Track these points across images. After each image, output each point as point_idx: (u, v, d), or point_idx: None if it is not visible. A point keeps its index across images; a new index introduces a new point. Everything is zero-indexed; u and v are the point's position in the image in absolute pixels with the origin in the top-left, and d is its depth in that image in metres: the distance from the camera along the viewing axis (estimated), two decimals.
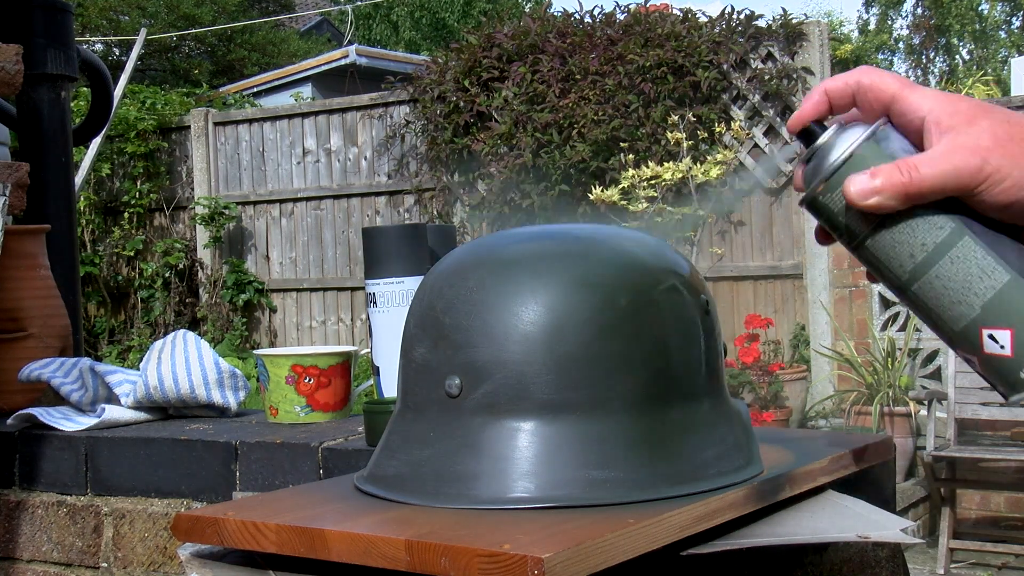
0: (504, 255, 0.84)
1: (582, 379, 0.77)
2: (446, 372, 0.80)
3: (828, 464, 0.90)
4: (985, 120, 0.65)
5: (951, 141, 0.65)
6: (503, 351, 0.78)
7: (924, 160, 0.65)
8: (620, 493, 0.75)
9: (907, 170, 0.65)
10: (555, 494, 0.75)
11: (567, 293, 0.79)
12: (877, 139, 0.67)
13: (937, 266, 0.65)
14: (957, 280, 0.64)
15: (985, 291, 0.64)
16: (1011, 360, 0.63)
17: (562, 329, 0.78)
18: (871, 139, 0.67)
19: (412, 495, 0.79)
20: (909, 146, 0.67)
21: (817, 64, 5.64)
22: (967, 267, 0.64)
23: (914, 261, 0.65)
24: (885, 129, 0.68)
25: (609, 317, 0.78)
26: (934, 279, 0.65)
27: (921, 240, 0.65)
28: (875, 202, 0.65)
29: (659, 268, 0.82)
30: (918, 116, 0.67)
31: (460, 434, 0.79)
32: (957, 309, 0.64)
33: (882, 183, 0.65)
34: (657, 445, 0.78)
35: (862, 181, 0.65)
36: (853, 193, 0.66)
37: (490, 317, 0.79)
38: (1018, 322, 0.63)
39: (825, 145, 0.69)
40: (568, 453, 0.76)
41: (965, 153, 0.64)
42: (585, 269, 0.80)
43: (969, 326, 0.64)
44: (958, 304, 0.64)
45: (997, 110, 0.66)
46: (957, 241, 0.64)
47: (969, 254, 0.64)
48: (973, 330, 0.64)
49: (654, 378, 0.79)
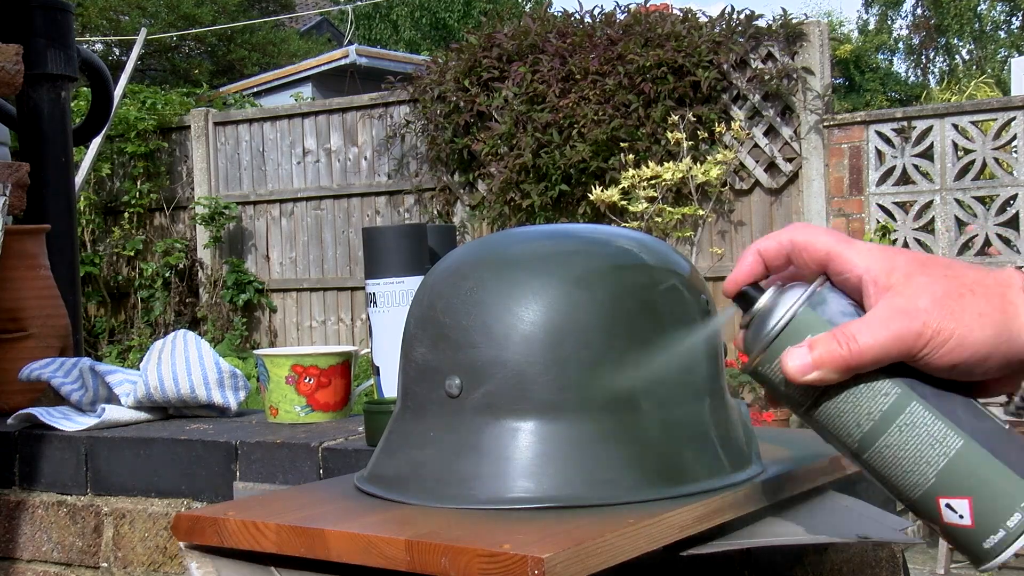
0: (504, 255, 0.84)
1: (582, 379, 0.77)
2: (446, 372, 0.80)
3: (828, 464, 0.90)
4: (923, 276, 0.62)
5: (888, 305, 0.62)
6: (503, 351, 0.78)
7: (862, 328, 0.62)
8: (620, 493, 0.75)
9: (845, 341, 0.62)
10: (555, 494, 0.75)
11: (568, 293, 0.79)
12: (813, 304, 0.64)
13: (885, 435, 0.61)
14: (908, 449, 0.61)
15: (938, 459, 0.60)
16: (972, 531, 0.60)
17: (562, 329, 0.78)
18: (807, 304, 0.64)
19: (412, 495, 0.79)
20: (848, 307, 0.64)
21: (817, 64, 5.64)
22: (917, 435, 0.61)
23: (861, 431, 0.62)
24: (822, 291, 0.64)
25: (610, 317, 0.78)
26: (883, 449, 0.62)
27: (867, 409, 0.62)
28: (814, 377, 0.62)
29: (660, 268, 0.83)
30: (854, 275, 0.64)
31: (460, 434, 0.79)
32: (910, 479, 0.61)
33: (820, 356, 0.62)
34: (657, 445, 0.78)
35: (800, 356, 0.62)
36: (791, 369, 0.63)
37: (490, 317, 0.79)
38: (976, 489, 0.59)
39: (761, 311, 0.65)
40: (568, 453, 0.76)
41: (904, 318, 0.61)
42: (586, 269, 0.80)
43: (925, 496, 0.61)
44: (911, 473, 0.61)
45: (936, 263, 0.63)
46: (904, 407, 0.61)
47: (918, 420, 0.61)
48: (930, 500, 0.61)
49: (655, 378, 0.79)
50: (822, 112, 5.59)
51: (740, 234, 5.88)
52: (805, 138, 5.63)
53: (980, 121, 5.33)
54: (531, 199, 5.89)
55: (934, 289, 0.62)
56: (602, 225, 0.91)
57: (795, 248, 0.66)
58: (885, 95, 18.61)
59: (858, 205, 5.57)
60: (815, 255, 0.65)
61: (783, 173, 5.73)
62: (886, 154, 5.49)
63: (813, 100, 5.61)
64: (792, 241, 0.66)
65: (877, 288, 0.63)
